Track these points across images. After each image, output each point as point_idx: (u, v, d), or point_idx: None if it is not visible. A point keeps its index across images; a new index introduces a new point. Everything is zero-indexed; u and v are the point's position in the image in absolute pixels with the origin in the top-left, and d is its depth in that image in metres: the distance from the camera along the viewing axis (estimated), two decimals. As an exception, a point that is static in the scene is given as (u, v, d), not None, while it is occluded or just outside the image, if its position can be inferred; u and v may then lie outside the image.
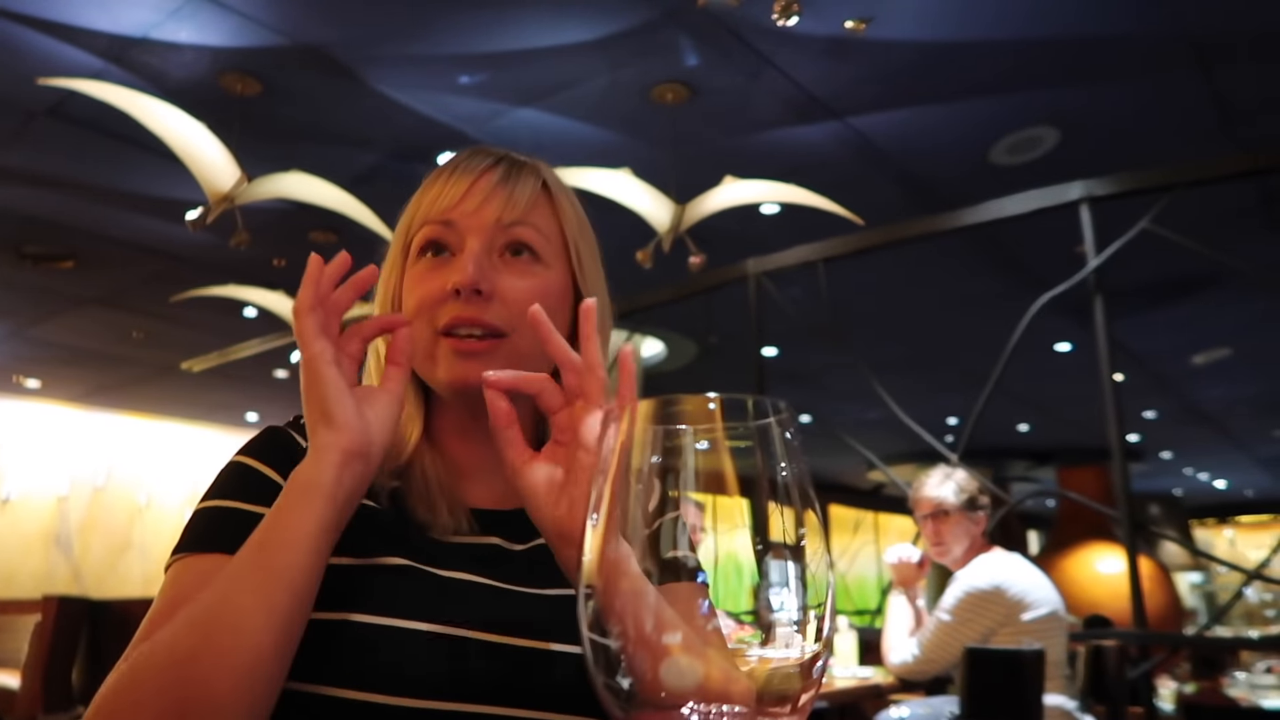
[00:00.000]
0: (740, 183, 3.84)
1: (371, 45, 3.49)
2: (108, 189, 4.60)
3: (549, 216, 0.81)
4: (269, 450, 0.76)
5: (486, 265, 0.76)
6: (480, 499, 0.82)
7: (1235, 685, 4.55)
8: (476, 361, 0.75)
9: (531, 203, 0.80)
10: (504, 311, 0.77)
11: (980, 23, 3.36)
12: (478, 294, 0.75)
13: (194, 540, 0.71)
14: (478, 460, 0.82)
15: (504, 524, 0.81)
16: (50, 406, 8.95)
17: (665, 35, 3.43)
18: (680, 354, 7.37)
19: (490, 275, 0.76)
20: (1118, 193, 3.23)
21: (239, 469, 0.75)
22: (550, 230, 0.81)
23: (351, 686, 0.66)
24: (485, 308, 0.76)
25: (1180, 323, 6.50)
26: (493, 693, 0.69)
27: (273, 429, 0.79)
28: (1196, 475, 13.59)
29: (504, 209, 0.78)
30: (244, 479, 0.74)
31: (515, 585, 0.76)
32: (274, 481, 0.73)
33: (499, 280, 0.77)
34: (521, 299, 0.76)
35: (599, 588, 0.41)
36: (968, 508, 2.64)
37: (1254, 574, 3.37)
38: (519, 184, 0.80)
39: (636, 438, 0.41)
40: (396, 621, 0.68)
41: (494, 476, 0.82)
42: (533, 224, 0.79)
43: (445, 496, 0.78)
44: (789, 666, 0.40)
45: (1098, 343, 3.17)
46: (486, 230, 0.78)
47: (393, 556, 0.72)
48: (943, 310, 6.32)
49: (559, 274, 0.81)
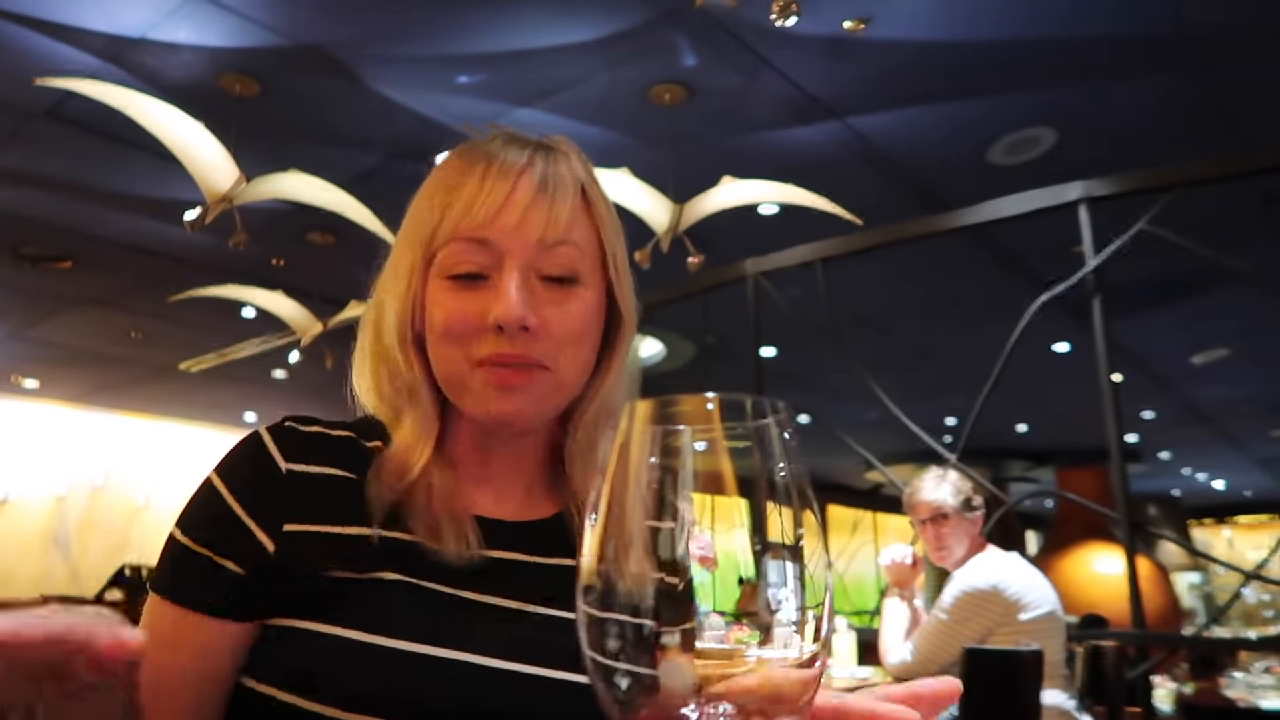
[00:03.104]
0: (739, 183, 3.84)
1: (370, 45, 3.49)
2: (106, 189, 4.59)
3: (588, 229, 0.75)
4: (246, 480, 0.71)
5: (530, 298, 0.71)
6: (498, 510, 0.77)
7: (1233, 686, 4.55)
8: (516, 394, 0.71)
9: (573, 216, 0.73)
10: (548, 345, 0.71)
11: (978, 23, 3.36)
12: (523, 329, 0.70)
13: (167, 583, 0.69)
14: (494, 470, 0.78)
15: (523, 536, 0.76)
16: (49, 407, 8.95)
17: (664, 36, 3.43)
18: (678, 354, 7.37)
19: (535, 308, 0.71)
20: (1116, 193, 3.23)
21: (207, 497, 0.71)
22: (590, 245, 0.75)
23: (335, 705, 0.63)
24: (530, 344, 0.70)
25: (1179, 323, 6.50)
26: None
27: (252, 445, 0.73)
28: (1195, 476, 13.60)
29: (546, 227, 0.71)
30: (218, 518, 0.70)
31: (529, 604, 0.72)
32: (246, 530, 0.69)
33: (542, 311, 0.71)
34: (565, 331, 0.72)
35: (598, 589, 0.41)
36: (965, 509, 2.64)
37: (1252, 574, 3.37)
38: (559, 193, 0.73)
39: (635, 438, 0.41)
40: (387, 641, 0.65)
41: (512, 486, 0.79)
42: (574, 242, 0.73)
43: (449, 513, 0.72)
44: (787, 667, 0.40)
45: (1096, 343, 3.17)
46: (528, 252, 0.71)
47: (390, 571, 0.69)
48: (941, 310, 6.32)
49: (597, 293, 0.76)
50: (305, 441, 0.73)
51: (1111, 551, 8.19)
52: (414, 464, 0.73)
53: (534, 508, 0.79)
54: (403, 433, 0.74)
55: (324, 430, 0.76)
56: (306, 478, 0.71)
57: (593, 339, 0.76)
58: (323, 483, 0.72)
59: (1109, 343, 3.16)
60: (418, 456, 0.73)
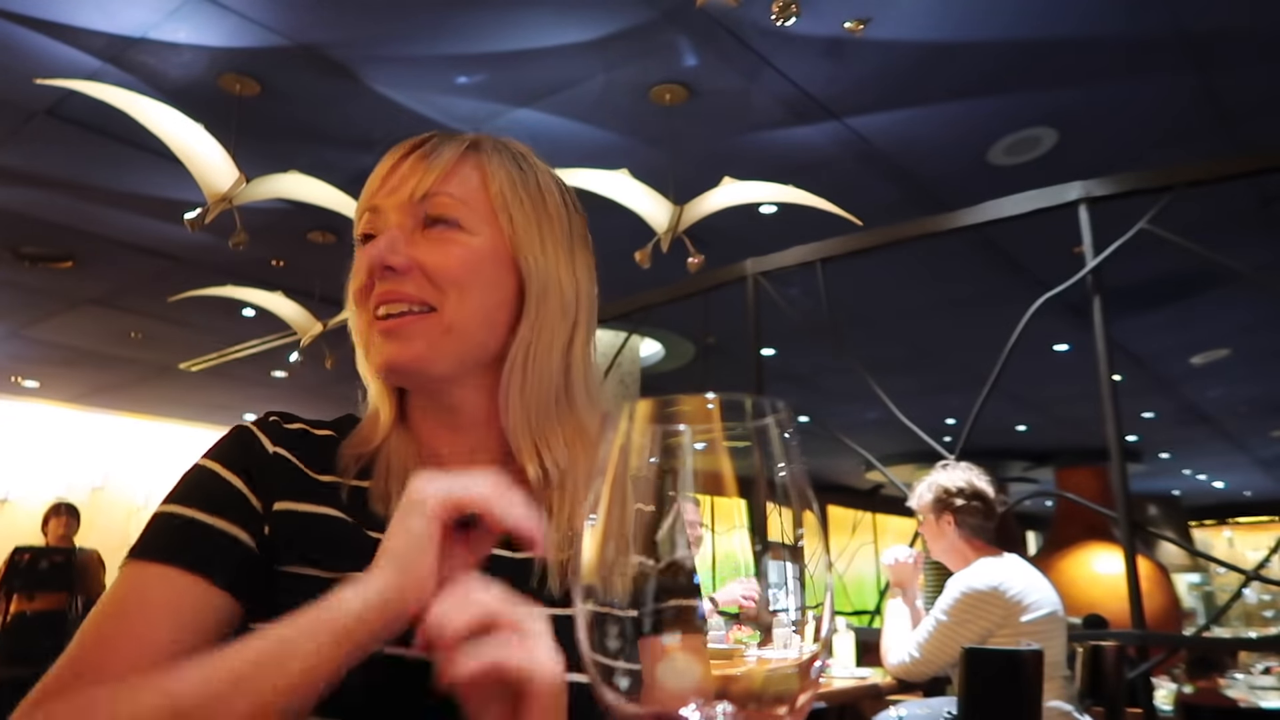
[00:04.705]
0: (738, 183, 3.84)
1: (370, 45, 3.49)
2: (106, 189, 4.59)
3: (472, 183, 0.77)
4: (236, 455, 0.73)
5: (400, 241, 0.74)
6: None
7: (1234, 686, 4.55)
8: (402, 339, 0.73)
9: (449, 171, 0.76)
10: (425, 284, 0.73)
11: (978, 23, 3.36)
12: (391, 270, 0.73)
13: (150, 547, 0.68)
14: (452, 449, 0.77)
15: None
16: (48, 407, 8.94)
17: (664, 36, 3.43)
18: (678, 354, 7.37)
19: (402, 249, 0.74)
20: (1116, 193, 3.23)
21: (203, 474, 0.72)
22: (472, 196, 0.76)
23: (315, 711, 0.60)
24: (402, 281, 0.73)
25: (1179, 323, 6.50)
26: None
27: (240, 430, 0.75)
28: (1195, 476, 13.60)
29: (418, 183, 0.75)
30: (207, 487, 0.71)
31: None
32: (240, 493, 0.70)
33: (415, 253, 0.74)
34: (441, 269, 0.74)
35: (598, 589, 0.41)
36: (956, 507, 2.64)
37: (1252, 575, 3.37)
38: (437, 155, 0.76)
39: (635, 438, 0.41)
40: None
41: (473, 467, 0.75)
42: (448, 192, 0.75)
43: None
44: (787, 667, 0.40)
45: (1096, 343, 3.16)
46: (403, 207, 0.75)
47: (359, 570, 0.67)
48: (941, 311, 6.33)
49: (488, 239, 0.76)
50: (289, 434, 0.76)
51: (1111, 551, 8.18)
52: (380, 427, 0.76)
53: None
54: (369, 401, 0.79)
55: (306, 428, 0.78)
56: (290, 462, 0.74)
57: (485, 284, 0.76)
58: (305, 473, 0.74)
59: (1109, 343, 3.16)
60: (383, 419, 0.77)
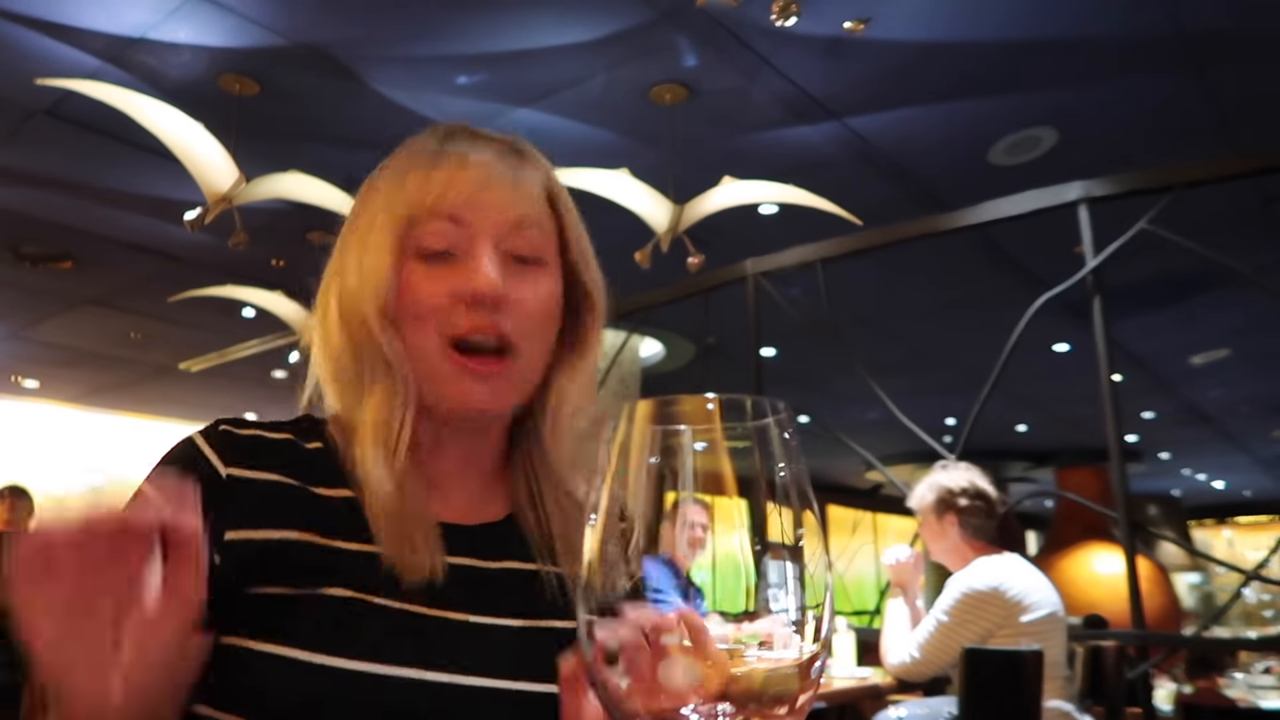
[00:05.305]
0: (738, 183, 3.84)
1: (370, 46, 3.49)
2: (106, 189, 4.59)
3: (552, 216, 0.77)
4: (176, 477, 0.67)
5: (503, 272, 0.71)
6: (445, 512, 0.73)
7: (1234, 686, 4.55)
8: (492, 385, 0.71)
9: (539, 203, 0.75)
10: (520, 322, 0.71)
11: (979, 23, 3.36)
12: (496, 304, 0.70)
13: None
14: (448, 469, 0.76)
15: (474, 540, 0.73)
16: (48, 407, 8.94)
17: (664, 36, 3.43)
18: (678, 354, 7.36)
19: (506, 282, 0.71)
20: (1116, 193, 3.23)
21: None
22: (553, 232, 0.76)
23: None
24: (503, 320, 0.70)
25: (1179, 323, 6.50)
26: None
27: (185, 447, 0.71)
28: (1195, 476, 13.60)
29: (515, 206, 0.72)
30: None
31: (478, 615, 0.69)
32: None
33: (514, 289, 0.71)
34: (535, 309, 0.72)
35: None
36: (952, 508, 2.65)
37: (1252, 574, 3.37)
38: (526, 177, 0.74)
39: (635, 438, 0.41)
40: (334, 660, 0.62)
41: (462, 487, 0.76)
42: (540, 225, 0.74)
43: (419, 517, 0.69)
44: (787, 667, 0.40)
45: (1096, 343, 3.17)
46: (499, 230, 0.72)
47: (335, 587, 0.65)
48: (941, 311, 6.33)
49: (559, 277, 0.76)
50: (243, 445, 0.71)
51: (1111, 551, 8.18)
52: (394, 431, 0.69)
53: (483, 510, 0.77)
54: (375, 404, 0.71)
55: (261, 433, 0.73)
56: (247, 483, 0.69)
57: (555, 325, 0.76)
58: (263, 488, 0.69)
59: (1109, 343, 3.16)
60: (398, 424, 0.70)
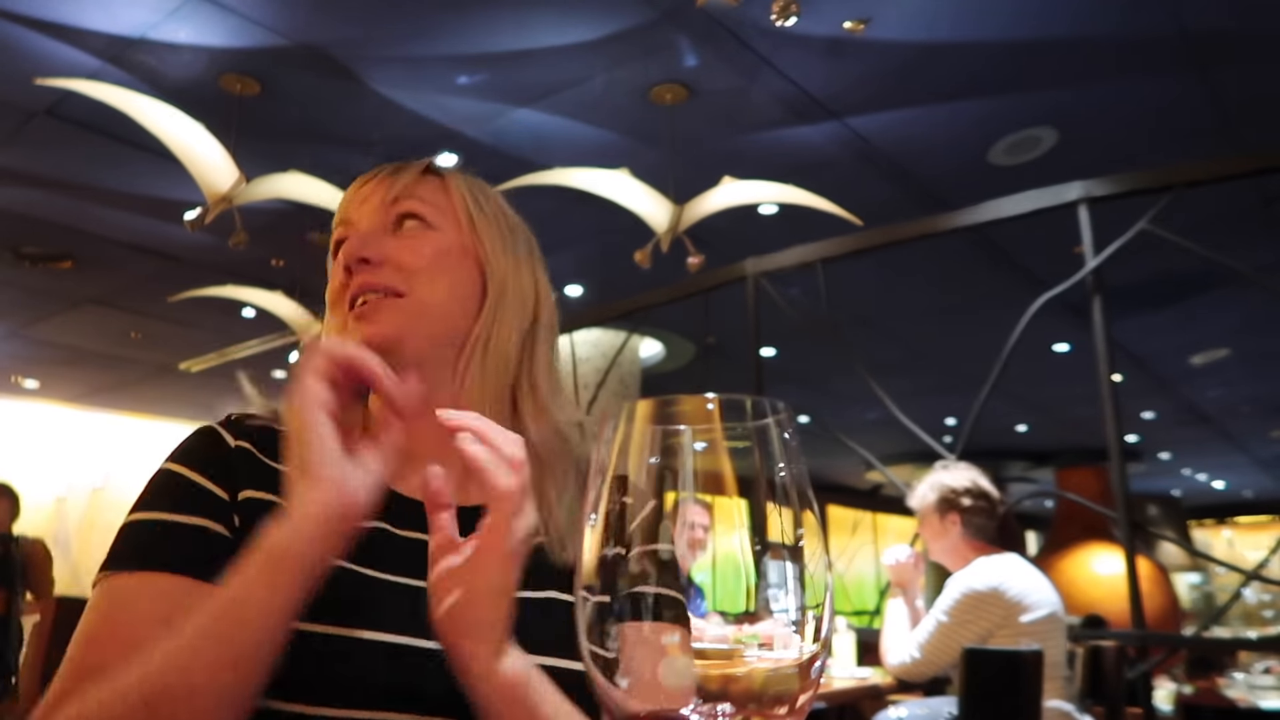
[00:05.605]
0: (738, 183, 3.83)
1: (371, 45, 3.49)
2: (106, 189, 4.59)
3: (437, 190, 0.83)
4: (198, 454, 0.73)
5: (372, 236, 0.79)
6: None
7: (1234, 686, 4.55)
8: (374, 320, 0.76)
9: (415, 181, 0.82)
10: (397, 275, 0.77)
11: (979, 23, 3.36)
12: (365, 262, 0.77)
13: (122, 557, 0.69)
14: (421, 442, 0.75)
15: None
16: (48, 407, 8.94)
17: (664, 36, 3.43)
18: (678, 354, 7.36)
19: (375, 244, 0.78)
20: (1116, 193, 3.23)
21: (167, 477, 0.72)
22: (439, 201, 0.82)
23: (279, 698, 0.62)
24: (375, 272, 0.77)
25: (1179, 323, 6.50)
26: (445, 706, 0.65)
27: (204, 430, 0.77)
28: (1195, 476, 13.60)
29: (387, 191, 0.81)
30: (172, 488, 0.71)
31: None
32: (204, 489, 0.71)
33: (386, 248, 0.78)
34: (413, 261, 0.78)
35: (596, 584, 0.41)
36: (951, 507, 2.65)
37: (1252, 575, 3.37)
38: (404, 171, 0.83)
39: (634, 438, 0.41)
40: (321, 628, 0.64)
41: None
42: (417, 196, 0.81)
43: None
44: (787, 667, 0.40)
45: (1096, 343, 3.16)
46: (373, 213, 0.81)
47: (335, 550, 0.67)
48: (941, 311, 6.33)
49: (454, 237, 0.81)
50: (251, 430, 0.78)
51: (1111, 551, 8.17)
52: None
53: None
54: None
55: (268, 423, 0.79)
56: (254, 455, 0.75)
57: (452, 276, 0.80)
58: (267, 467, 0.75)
59: (1109, 343, 3.15)
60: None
